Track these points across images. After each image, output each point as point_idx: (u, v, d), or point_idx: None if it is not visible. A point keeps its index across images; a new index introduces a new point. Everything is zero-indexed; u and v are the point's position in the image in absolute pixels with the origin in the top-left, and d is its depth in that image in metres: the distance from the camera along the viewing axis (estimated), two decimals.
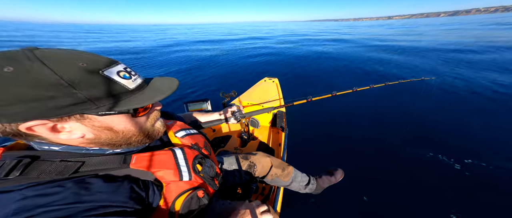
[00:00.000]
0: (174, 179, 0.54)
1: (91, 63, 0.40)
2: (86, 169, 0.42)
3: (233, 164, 1.05)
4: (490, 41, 9.05)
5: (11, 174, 0.36)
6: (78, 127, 0.41)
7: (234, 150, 1.74)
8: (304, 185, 1.30)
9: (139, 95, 0.45)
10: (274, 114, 2.11)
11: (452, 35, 12.73)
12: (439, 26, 27.79)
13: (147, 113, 0.52)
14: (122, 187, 0.44)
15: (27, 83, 0.33)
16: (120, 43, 13.46)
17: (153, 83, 0.51)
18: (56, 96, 0.35)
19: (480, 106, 3.02)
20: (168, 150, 0.59)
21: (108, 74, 0.41)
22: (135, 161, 0.49)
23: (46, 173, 0.38)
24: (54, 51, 0.38)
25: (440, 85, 3.79)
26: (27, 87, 0.33)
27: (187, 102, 1.33)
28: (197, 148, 0.69)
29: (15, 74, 0.32)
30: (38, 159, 0.39)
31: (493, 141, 2.21)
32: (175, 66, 6.58)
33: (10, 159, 0.38)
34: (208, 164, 0.66)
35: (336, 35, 17.08)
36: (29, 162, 0.38)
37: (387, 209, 1.48)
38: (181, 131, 0.71)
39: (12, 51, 0.35)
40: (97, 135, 0.44)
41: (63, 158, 0.41)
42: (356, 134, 2.46)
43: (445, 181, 1.68)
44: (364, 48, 8.88)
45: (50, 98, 0.34)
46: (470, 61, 5.57)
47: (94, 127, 0.43)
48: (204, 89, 4.38)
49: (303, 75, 5.12)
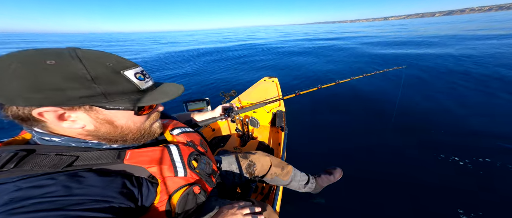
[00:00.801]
0: (169, 175, 0.54)
1: (116, 64, 0.45)
2: (80, 163, 0.43)
3: (232, 163, 1.05)
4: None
5: (6, 167, 0.37)
6: (83, 117, 0.44)
7: (234, 150, 1.75)
8: (303, 184, 1.30)
9: (147, 96, 0.49)
10: (274, 113, 2.12)
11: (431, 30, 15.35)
12: (428, 25, 30.29)
13: (148, 113, 0.54)
14: (115, 182, 0.45)
15: (63, 75, 0.38)
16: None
17: (162, 87, 0.54)
18: (76, 87, 0.39)
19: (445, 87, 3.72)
20: (163, 146, 0.59)
21: (127, 74, 0.46)
22: (129, 156, 0.49)
23: (40, 165, 0.39)
24: (91, 51, 0.44)
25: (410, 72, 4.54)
26: (61, 78, 0.37)
27: (187, 101, 1.34)
28: (192, 145, 0.69)
29: (56, 66, 0.37)
30: (34, 153, 0.41)
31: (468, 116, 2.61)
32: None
33: (7, 153, 0.38)
34: (204, 160, 0.66)
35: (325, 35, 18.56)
36: (24, 155, 0.39)
37: (386, 208, 1.48)
38: (176, 129, 0.71)
39: (58, 49, 0.41)
40: (97, 127, 0.46)
41: (58, 152, 0.42)
42: (349, 128, 2.57)
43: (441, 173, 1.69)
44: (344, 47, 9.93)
45: (70, 89, 0.38)
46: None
47: (98, 119, 0.45)
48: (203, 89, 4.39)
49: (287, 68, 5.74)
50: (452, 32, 14.45)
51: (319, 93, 3.62)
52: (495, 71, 4.30)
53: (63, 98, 0.38)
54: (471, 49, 6.83)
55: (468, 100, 3.09)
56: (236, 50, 10.98)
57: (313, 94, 1.65)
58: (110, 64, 0.43)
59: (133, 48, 16.58)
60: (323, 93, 3.49)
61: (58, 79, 0.37)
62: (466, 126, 2.42)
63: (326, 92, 3.54)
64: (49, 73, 0.37)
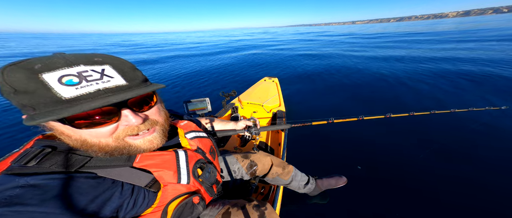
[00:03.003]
0: (172, 181, 0.54)
1: (44, 66, 0.37)
2: (92, 164, 0.45)
3: (233, 163, 1.05)
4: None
5: (30, 163, 0.40)
6: (61, 131, 0.43)
7: (234, 149, 1.75)
8: (303, 185, 1.30)
9: (75, 106, 0.38)
10: (274, 113, 2.12)
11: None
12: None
13: (89, 124, 0.42)
14: (107, 191, 0.45)
15: (3, 90, 0.36)
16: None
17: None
18: (18, 100, 0.37)
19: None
20: (172, 150, 0.59)
21: (46, 78, 0.36)
22: (139, 159, 0.50)
23: (57, 165, 0.41)
24: (41, 58, 0.39)
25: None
26: (7, 94, 0.36)
27: (187, 101, 1.33)
28: (201, 152, 0.69)
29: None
30: (56, 150, 0.43)
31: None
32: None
33: (37, 147, 0.42)
34: (209, 169, 0.66)
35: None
36: (49, 151, 0.42)
37: (386, 208, 1.48)
38: (191, 132, 0.71)
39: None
40: (73, 142, 0.43)
41: (74, 151, 0.44)
42: (349, 127, 2.49)
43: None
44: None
45: (20, 102, 0.37)
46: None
47: (62, 134, 0.42)
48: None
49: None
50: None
51: (320, 93, 3.63)
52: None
53: (28, 112, 0.38)
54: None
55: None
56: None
57: (313, 94, 1.59)
58: (35, 67, 0.36)
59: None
60: (324, 93, 3.52)
61: (7, 96, 0.36)
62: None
63: (326, 92, 3.55)
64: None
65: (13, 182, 0.37)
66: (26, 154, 0.41)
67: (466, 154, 1.78)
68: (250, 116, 2.20)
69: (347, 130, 2.28)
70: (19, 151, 0.44)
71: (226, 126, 1.10)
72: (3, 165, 0.41)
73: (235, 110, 2.16)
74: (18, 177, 0.37)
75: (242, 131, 1.09)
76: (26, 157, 0.40)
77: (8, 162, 0.41)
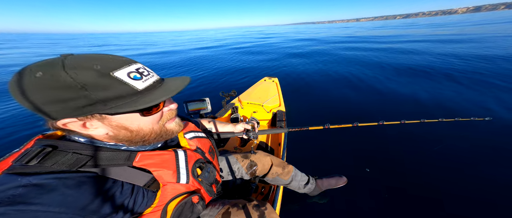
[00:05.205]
0: (172, 180, 0.55)
1: (104, 66, 0.41)
2: (93, 163, 0.45)
3: (233, 163, 1.05)
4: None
5: (31, 162, 0.40)
6: (100, 125, 0.45)
7: (234, 149, 1.75)
8: (303, 184, 1.30)
9: (147, 96, 0.46)
10: (274, 113, 2.12)
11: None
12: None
13: (157, 113, 0.51)
14: (109, 190, 0.46)
15: (50, 86, 0.37)
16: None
17: (165, 84, 0.52)
18: (75, 98, 0.38)
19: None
20: (172, 150, 0.59)
21: (118, 75, 0.42)
22: (138, 159, 0.51)
23: (59, 164, 0.41)
24: (79, 56, 0.42)
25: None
26: (50, 89, 0.37)
27: (187, 101, 1.33)
28: (201, 152, 0.69)
29: (41, 79, 0.36)
30: (57, 149, 0.43)
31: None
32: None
33: (37, 146, 0.42)
34: (208, 169, 0.66)
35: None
36: (49, 151, 0.42)
37: (386, 209, 1.48)
38: (190, 132, 0.72)
39: (52, 59, 0.40)
40: (115, 133, 0.48)
41: (76, 150, 0.44)
42: (349, 127, 2.48)
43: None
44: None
45: (71, 99, 0.38)
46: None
47: (112, 126, 0.46)
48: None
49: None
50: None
51: (320, 93, 3.63)
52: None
53: (69, 109, 0.39)
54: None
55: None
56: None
57: (314, 93, 1.59)
58: (97, 67, 0.40)
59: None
60: (324, 93, 3.52)
61: (49, 92, 0.37)
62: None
63: (326, 92, 3.55)
64: (39, 86, 0.36)
65: (15, 181, 0.37)
66: (26, 153, 0.41)
67: (458, 160, 1.86)
68: (250, 116, 2.20)
69: (344, 133, 2.30)
70: (20, 151, 0.44)
71: (225, 128, 1.10)
72: (4, 164, 0.41)
73: (235, 110, 2.16)
74: (20, 176, 0.38)
75: (241, 134, 1.08)
76: (27, 156, 0.40)
77: (9, 162, 0.41)
